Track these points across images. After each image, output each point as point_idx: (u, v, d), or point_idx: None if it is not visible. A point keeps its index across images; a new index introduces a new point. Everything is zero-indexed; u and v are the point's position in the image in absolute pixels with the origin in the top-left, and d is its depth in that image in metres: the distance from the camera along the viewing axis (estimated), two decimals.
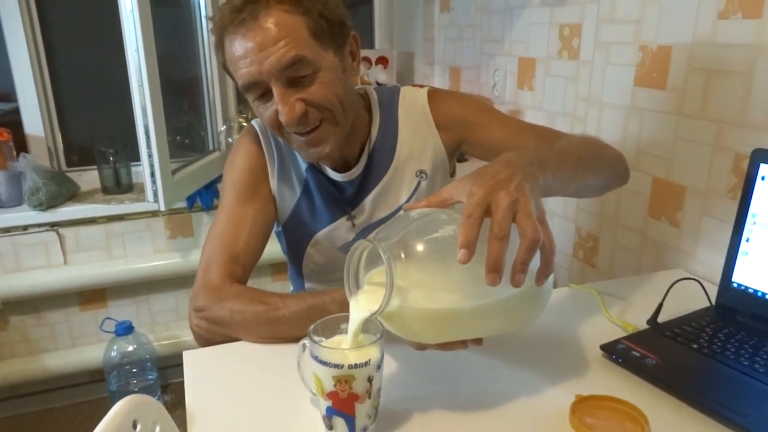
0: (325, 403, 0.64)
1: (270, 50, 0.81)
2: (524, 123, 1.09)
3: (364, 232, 1.05)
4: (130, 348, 1.91)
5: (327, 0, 0.86)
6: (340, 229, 1.05)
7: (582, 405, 0.68)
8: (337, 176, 1.02)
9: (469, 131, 1.05)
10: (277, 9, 0.81)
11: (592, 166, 0.86)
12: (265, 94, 0.87)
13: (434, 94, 1.07)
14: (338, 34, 0.89)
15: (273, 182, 1.03)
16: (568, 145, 0.84)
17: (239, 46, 0.82)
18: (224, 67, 0.91)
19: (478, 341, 0.68)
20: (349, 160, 1.02)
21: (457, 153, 1.10)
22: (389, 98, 1.06)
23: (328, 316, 0.68)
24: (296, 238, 1.08)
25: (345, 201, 1.04)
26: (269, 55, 0.81)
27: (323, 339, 0.66)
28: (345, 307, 0.66)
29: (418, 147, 1.05)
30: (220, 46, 0.88)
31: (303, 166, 1.03)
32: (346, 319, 0.67)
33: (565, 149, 0.81)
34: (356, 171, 1.02)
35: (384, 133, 1.04)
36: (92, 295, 2.00)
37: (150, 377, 1.98)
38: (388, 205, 1.05)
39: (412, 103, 1.06)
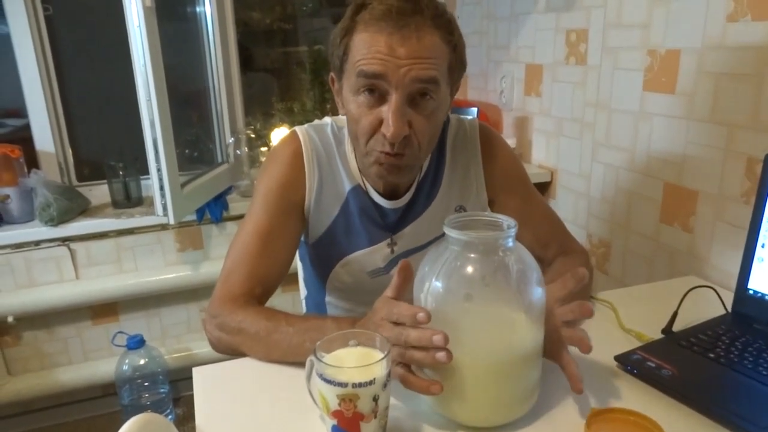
0: (330, 422, 0.63)
1: (416, 61, 0.81)
2: (547, 207, 1.12)
3: (399, 258, 1.03)
4: (142, 361, 1.91)
5: (463, 42, 0.89)
6: (377, 253, 1.03)
7: (597, 419, 0.67)
8: (385, 202, 1.00)
9: (505, 196, 1.06)
10: (437, 35, 0.83)
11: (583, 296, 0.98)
12: (372, 95, 0.84)
13: (487, 139, 1.06)
14: (458, 77, 0.91)
15: (309, 198, 0.99)
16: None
17: (388, 41, 0.80)
18: (339, 38, 0.86)
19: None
20: (400, 187, 1.00)
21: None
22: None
23: (334, 333, 0.67)
24: (326, 255, 1.05)
25: (386, 226, 1.02)
26: (413, 64, 0.81)
27: (325, 355, 0.65)
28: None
29: (463, 184, 1.05)
30: (351, 27, 0.84)
31: (347, 186, 1.00)
32: (353, 336, 0.66)
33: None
34: (404, 200, 1.01)
35: (433, 164, 1.03)
36: (104, 309, 2.00)
37: (162, 390, 1.98)
38: (426, 235, 1.04)
39: (462, 137, 1.05)
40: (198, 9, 2.05)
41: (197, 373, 0.86)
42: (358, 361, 0.63)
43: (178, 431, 0.69)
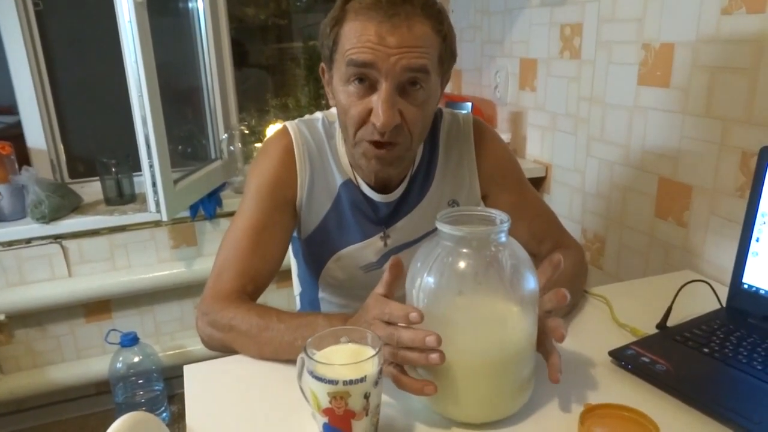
0: (321, 419, 0.62)
1: (406, 49, 0.80)
2: (541, 202, 1.12)
3: (392, 252, 1.03)
4: (136, 359, 1.90)
5: (453, 32, 0.89)
6: (370, 247, 1.02)
7: (591, 414, 0.67)
8: (376, 196, 0.99)
9: (499, 190, 1.06)
10: (428, 24, 0.82)
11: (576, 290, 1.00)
12: (362, 84, 0.83)
13: (481, 133, 1.05)
14: (448, 67, 0.91)
15: (301, 193, 0.98)
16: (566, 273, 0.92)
17: (378, 30, 0.80)
18: (329, 28, 0.85)
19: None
20: (392, 181, 1.00)
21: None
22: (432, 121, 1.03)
23: (325, 330, 0.67)
24: (319, 251, 1.04)
25: (379, 220, 1.01)
26: (404, 53, 0.80)
27: (316, 352, 0.64)
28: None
29: (456, 178, 1.04)
30: (341, 17, 0.84)
31: (338, 180, 0.99)
32: (344, 333, 0.66)
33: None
34: (396, 194, 1.00)
35: (426, 158, 1.03)
36: (97, 307, 1.99)
37: (156, 388, 1.97)
38: (419, 229, 1.03)
39: (455, 131, 1.05)
40: (190, 4, 2.04)
41: (188, 370, 0.85)
42: (349, 358, 0.62)
43: (173, 429, 0.68)
